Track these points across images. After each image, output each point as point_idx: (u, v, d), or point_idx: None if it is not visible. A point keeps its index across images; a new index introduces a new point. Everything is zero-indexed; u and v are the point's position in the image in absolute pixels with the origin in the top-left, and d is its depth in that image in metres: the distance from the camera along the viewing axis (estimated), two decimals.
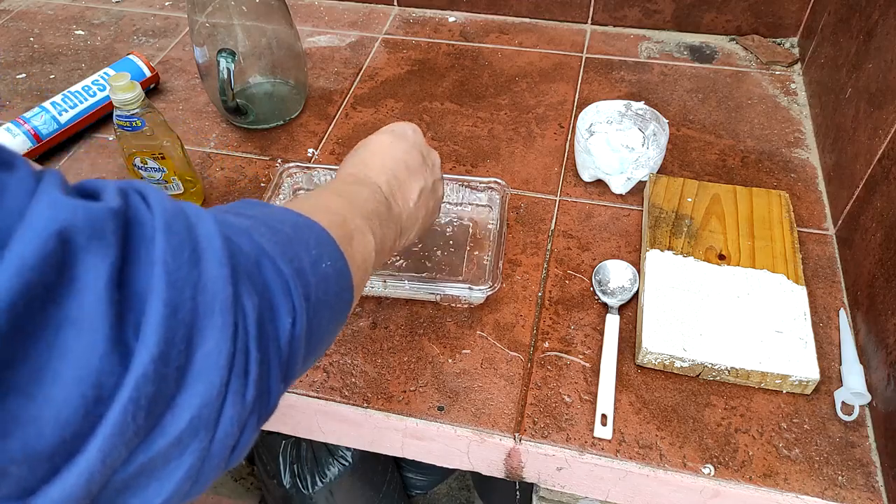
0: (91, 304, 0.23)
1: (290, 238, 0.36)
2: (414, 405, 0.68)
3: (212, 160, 0.97)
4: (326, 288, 0.37)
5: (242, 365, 0.29)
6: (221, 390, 0.27)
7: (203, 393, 0.27)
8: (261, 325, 0.30)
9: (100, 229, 0.24)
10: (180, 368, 0.26)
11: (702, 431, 0.65)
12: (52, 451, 0.22)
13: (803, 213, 0.86)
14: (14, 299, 0.21)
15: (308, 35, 1.21)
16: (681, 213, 0.81)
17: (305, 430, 0.74)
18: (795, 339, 0.68)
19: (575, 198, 0.89)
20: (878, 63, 0.78)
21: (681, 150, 0.95)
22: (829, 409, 0.67)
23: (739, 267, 0.74)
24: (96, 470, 0.23)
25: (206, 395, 0.27)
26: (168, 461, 0.27)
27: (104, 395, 0.23)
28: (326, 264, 0.37)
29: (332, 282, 0.38)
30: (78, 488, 0.23)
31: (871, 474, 0.62)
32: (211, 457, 0.28)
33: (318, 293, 0.35)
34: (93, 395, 0.23)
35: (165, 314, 0.25)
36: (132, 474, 0.26)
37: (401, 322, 0.75)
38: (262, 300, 0.31)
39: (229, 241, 0.30)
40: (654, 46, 1.15)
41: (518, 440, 0.66)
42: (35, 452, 0.22)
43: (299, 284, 0.33)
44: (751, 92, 1.05)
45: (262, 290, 0.31)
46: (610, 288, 0.77)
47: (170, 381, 0.25)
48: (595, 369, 0.70)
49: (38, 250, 0.22)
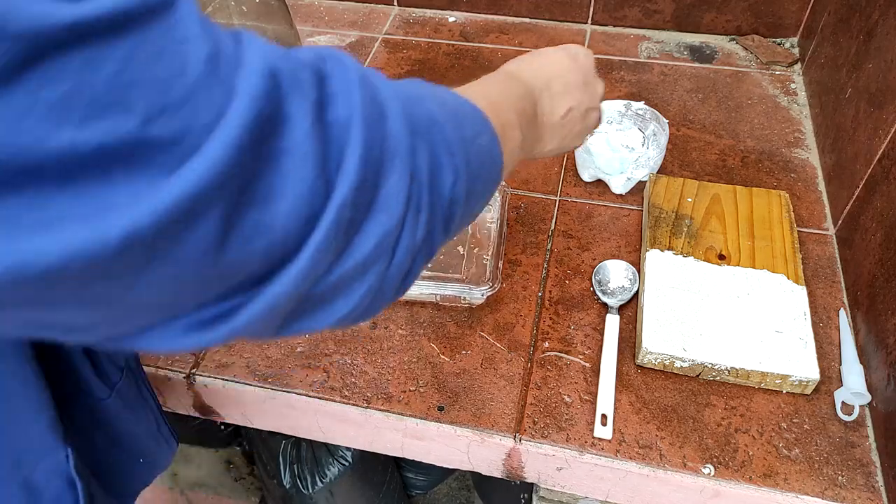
0: (301, 137, 0.27)
1: (454, 112, 0.39)
2: (414, 405, 0.68)
3: None
4: (481, 161, 0.40)
5: (416, 206, 0.33)
6: (399, 223, 0.32)
7: (386, 223, 0.31)
8: (431, 176, 0.34)
9: (300, 77, 0.28)
10: (369, 200, 0.31)
11: (702, 431, 0.65)
12: (280, 255, 0.28)
13: (803, 213, 0.86)
14: (250, 126, 0.25)
15: (308, 35, 1.21)
16: (681, 213, 0.81)
17: (305, 430, 0.74)
18: (795, 339, 0.68)
19: (575, 198, 0.89)
20: (878, 63, 0.78)
21: (681, 150, 0.95)
22: (829, 409, 0.67)
23: (739, 267, 0.74)
24: (305, 274, 0.29)
25: (388, 224, 0.31)
26: (353, 280, 0.32)
27: (315, 214, 0.28)
28: (484, 140, 0.41)
29: (487, 158, 0.41)
30: (292, 286, 0.29)
31: (871, 474, 0.62)
32: (387, 279, 0.33)
33: (474, 164, 0.39)
34: (306, 213, 0.28)
35: (363, 153, 0.29)
36: (327, 289, 0.31)
37: (401, 322, 0.75)
38: (432, 157, 0.35)
39: (406, 104, 0.34)
40: (654, 46, 1.15)
41: (518, 440, 0.66)
42: (268, 255, 0.27)
43: (461, 151, 0.37)
44: (751, 92, 1.05)
45: (432, 148, 0.35)
46: (610, 288, 0.77)
47: (361, 209, 0.30)
48: (595, 369, 0.70)
49: (260, 87, 0.26)
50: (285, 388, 0.70)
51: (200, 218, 0.24)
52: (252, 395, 0.71)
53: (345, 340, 0.74)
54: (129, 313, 0.26)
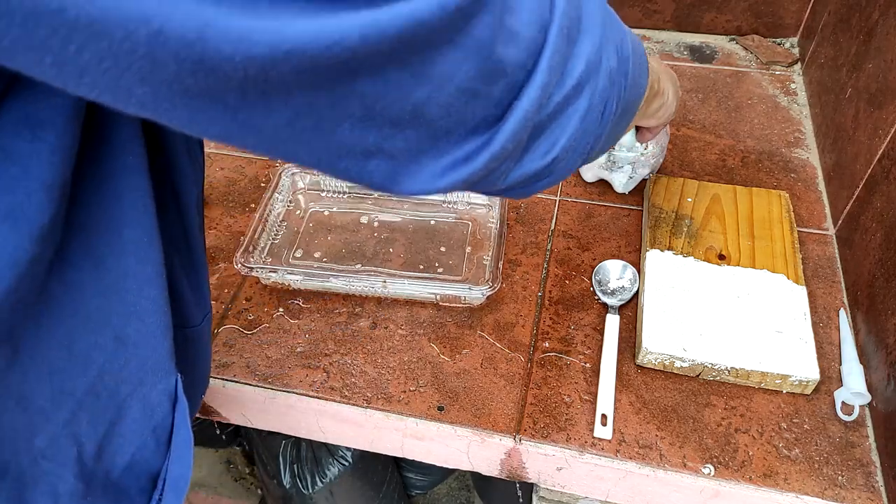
0: None
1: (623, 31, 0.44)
2: (414, 405, 0.68)
3: (212, 160, 0.97)
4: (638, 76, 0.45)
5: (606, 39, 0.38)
6: (598, 51, 0.37)
7: (589, 47, 0.36)
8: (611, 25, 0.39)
9: None
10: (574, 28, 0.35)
11: (702, 431, 0.65)
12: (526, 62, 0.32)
13: (803, 213, 0.86)
14: None
15: None
16: (681, 213, 0.81)
17: (305, 430, 0.74)
18: (795, 339, 0.68)
19: (575, 198, 0.89)
20: (878, 63, 0.78)
21: (681, 150, 0.95)
22: (829, 409, 0.67)
23: (739, 267, 0.74)
24: (544, 86, 0.34)
25: (591, 47, 0.36)
26: (568, 104, 0.36)
27: (545, 23, 0.33)
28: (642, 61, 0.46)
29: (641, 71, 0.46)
30: (535, 100, 0.33)
31: (871, 474, 0.62)
32: (591, 110, 0.38)
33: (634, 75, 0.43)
34: (538, 21, 0.32)
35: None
36: (550, 114, 0.36)
37: (401, 322, 0.75)
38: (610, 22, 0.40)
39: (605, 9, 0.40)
40: (654, 46, 1.15)
41: (518, 440, 0.66)
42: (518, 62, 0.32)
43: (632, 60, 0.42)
44: (751, 92, 1.05)
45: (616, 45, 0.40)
46: (610, 288, 0.77)
47: (572, 32, 0.35)
48: (595, 369, 0.70)
49: None
50: (285, 388, 0.70)
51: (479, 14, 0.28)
52: (252, 395, 0.71)
53: (345, 340, 0.74)
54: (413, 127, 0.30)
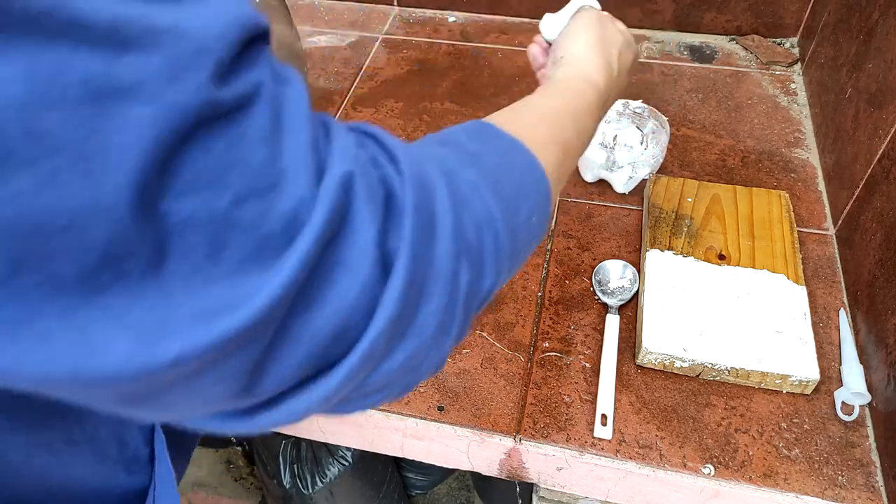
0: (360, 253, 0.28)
1: (514, 194, 0.38)
2: (414, 405, 0.68)
3: None
4: (528, 240, 0.40)
5: (447, 326, 0.34)
6: (429, 342, 0.33)
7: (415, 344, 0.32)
8: (468, 293, 0.35)
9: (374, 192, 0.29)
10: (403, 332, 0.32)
11: (702, 431, 0.65)
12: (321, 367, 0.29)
13: (803, 213, 0.86)
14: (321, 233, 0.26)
15: (308, 35, 1.21)
16: (681, 213, 0.81)
17: (305, 430, 0.74)
18: (795, 339, 0.68)
19: (575, 198, 0.89)
20: (878, 63, 0.78)
21: (681, 150, 0.95)
22: (829, 409, 0.67)
23: (739, 267, 0.74)
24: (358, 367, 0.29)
25: (417, 345, 0.33)
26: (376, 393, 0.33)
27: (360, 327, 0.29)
28: (535, 219, 0.40)
29: (535, 236, 0.41)
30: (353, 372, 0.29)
31: (871, 474, 0.62)
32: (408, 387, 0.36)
33: (520, 246, 0.39)
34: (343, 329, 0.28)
35: (403, 286, 0.30)
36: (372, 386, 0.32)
37: None
38: (474, 270, 0.35)
39: (459, 218, 0.34)
40: (654, 46, 1.15)
41: (518, 440, 0.66)
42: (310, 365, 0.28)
43: (509, 245, 0.37)
44: (751, 92, 1.05)
45: (478, 261, 0.35)
46: (610, 288, 0.77)
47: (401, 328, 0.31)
48: (595, 369, 0.70)
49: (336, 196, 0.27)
50: None
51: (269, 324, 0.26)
52: None
53: None
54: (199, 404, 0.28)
